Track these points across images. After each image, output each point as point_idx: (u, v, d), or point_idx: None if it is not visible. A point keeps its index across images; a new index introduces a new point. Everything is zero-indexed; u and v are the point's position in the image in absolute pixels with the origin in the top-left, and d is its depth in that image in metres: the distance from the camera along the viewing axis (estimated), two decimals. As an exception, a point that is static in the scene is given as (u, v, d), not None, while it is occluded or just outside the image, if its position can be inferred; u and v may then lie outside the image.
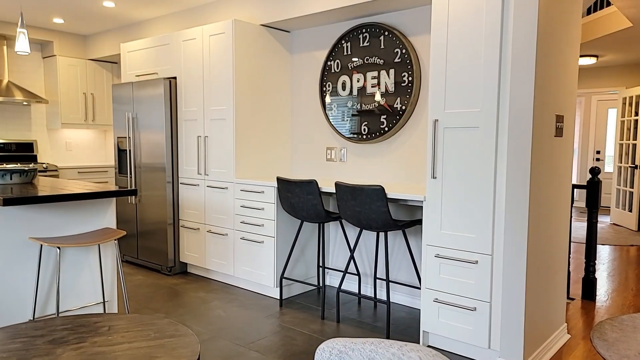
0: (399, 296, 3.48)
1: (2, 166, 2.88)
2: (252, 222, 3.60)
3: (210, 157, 3.89)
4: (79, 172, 5.39)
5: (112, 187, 2.76)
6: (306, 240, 3.72)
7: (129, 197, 4.45)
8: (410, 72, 3.30)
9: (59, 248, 2.40)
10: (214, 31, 3.75)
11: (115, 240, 2.59)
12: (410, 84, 3.31)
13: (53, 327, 1.81)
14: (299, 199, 3.17)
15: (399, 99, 3.37)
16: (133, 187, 4.37)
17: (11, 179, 2.87)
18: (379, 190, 2.72)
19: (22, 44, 2.60)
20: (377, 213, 2.77)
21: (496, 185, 2.36)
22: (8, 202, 2.22)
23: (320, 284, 3.80)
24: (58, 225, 2.62)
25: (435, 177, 2.56)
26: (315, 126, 3.97)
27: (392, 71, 3.40)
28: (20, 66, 5.39)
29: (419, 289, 3.21)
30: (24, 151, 5.36)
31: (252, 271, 3.63)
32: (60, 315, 2.54)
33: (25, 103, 5.19)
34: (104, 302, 2.80)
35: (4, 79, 5.03)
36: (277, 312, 3.28)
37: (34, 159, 5.43)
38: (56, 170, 5.18)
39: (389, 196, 2.80)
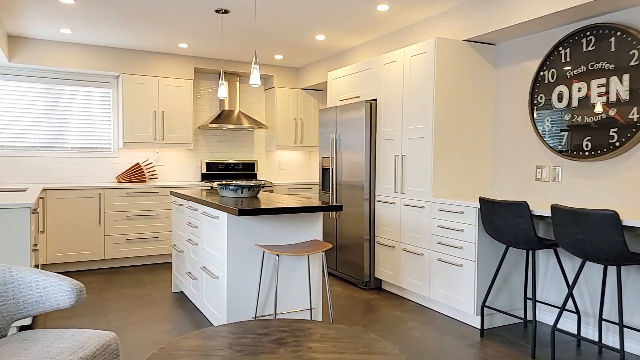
0: (633, 345, 2.86)
1: (234, 182, 3.41)
2: (450, 244, 3.46)
3: (406, 176, 3.90)
4: (288, 189, 6.04)
5: (319, 203, 2.99)
6: (510, 267, 3.39)
7: (331, 211, 4.77)
8: (652, 76, 2.74)
9: (277, 255, 2.69)
10: (416, 52, 3.78)
11: (323, 252, 2.78)
12: (651, 90, 2.74)
13: (274, 327, 2.01)
14: (506, 222, 2.91)
15: (635, 108, 2.83)
16: (335, 203, 4.67)
17: (242, 193, 3.36)
18: (611, 216, 2.30)
19: (254, 78, 3.05)
20: (609, 243, 2.34)
21: None
22: (242, 212, 2.60)
23: (529, 318, 3.40)
24: (276, 234, 2.95)
25: (697, 203, 2.03)
26: (522, 143, 3.63)
27: (625, 77, 2.88)
28: (247, 98, 6.37)
29: (666, 341, 2.58)
30: (247, 170, 6.28)
31: (450, 295, 3.47)
32: (277, 316, 2.83)
33: (250, 129, 6.10)
34: (310, 309, 3.02)
35: (236, 109, 6.00)
36: (478, 343, 3.05)
37: (254, 176, 6.32)
38: (271, 187, 5.90)
39: (624, 223, 2.35)
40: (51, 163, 5.29)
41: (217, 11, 3.89)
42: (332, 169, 4.71)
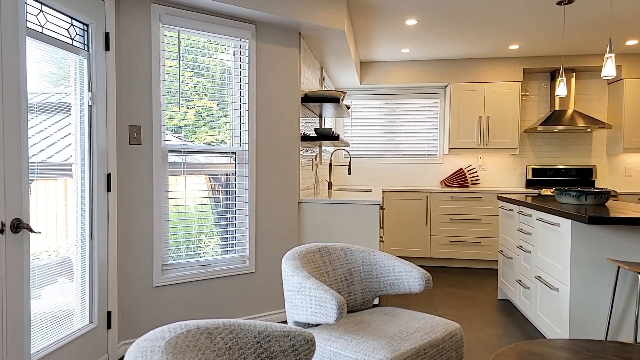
0: None
1: (577, 189, 3.05)
2: None
3: None
4: (639, 199, 4.99)
5: None
6: None
7: None
8: None
9: (639, 274, 2.25)
10: None
11: None
12: None
13: (644, 357, 1.68)
14: None
15: None
16: None
17: (585, 199, 2.98)
18: None
19: (609, 68, 2.66)
20: None
21: None
22: (594, 220, 2.29)
23: None
24: (634, 249, 2.47)
25: None
26: None
27: None
28: (585, 95, 5.62)
29: None
30: (582, 176, 5.53)
31: None
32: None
33: (588, 130, 5.37)
34: (686, 350, 2.39)
35: (569, 108, 5.40)
36: None
37: (591, 183, 5.51)
38: (616, 196, 5.01)
39: None
40: (386, 168, 6.08)
41: (559, 3, 3.59)
42: None
